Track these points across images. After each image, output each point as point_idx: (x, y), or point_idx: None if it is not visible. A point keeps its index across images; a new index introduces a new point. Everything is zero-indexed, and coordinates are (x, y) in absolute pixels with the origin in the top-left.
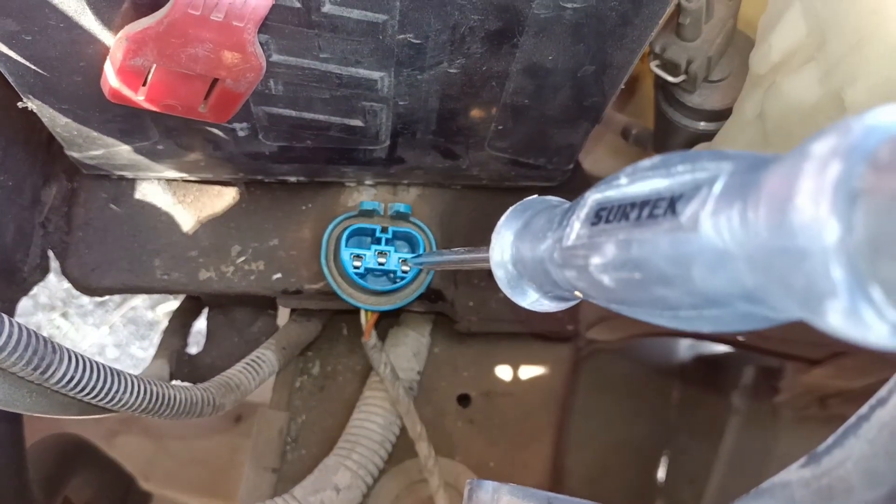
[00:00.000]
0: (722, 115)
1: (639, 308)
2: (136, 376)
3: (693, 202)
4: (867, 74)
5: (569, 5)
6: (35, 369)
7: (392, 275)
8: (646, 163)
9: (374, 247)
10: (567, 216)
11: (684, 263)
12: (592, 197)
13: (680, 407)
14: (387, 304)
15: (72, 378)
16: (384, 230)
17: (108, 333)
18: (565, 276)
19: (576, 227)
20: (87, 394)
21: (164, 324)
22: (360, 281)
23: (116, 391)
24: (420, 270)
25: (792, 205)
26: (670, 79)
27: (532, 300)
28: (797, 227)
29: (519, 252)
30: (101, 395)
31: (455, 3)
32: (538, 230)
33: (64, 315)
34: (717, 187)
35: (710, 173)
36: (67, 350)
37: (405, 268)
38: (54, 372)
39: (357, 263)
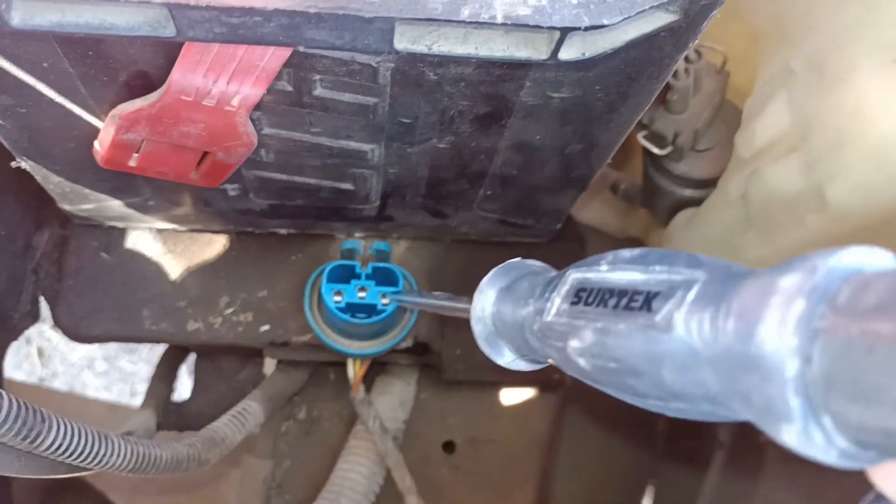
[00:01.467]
0: (708, 184)
1: (611, 389)
2: (122, 437)
3: (669, 303)
4: (848, 174)
5: (556, 95)
6: (24, 439)
7: (373, 311)
8: (625, 254)
9: (354, 282)
10: (549, 288)
11: (656, 361)
12: (573, 276)
13: (665, 440)
14: (371, 347)
15: (60, 445)
16: (364, 266)
17: (97, 347)
18: (543, 347)
19: (556, 303)
20: (76, 458)
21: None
22: (342, 315)
23: (104, 455)
24: (400, 307)
25: (757, 335)
26: (657, 151)
27: (508, 360)
28: (760, 355)
29: (500, 312)
30: (89, 458)
31: (444, 90)
32: (521, 295)
33: (54, 327)
34: (691, 296)
35: (684, 277)
36: (56, 418)
37: (385, 301)
38: (43, 440)
39: (338, 298)
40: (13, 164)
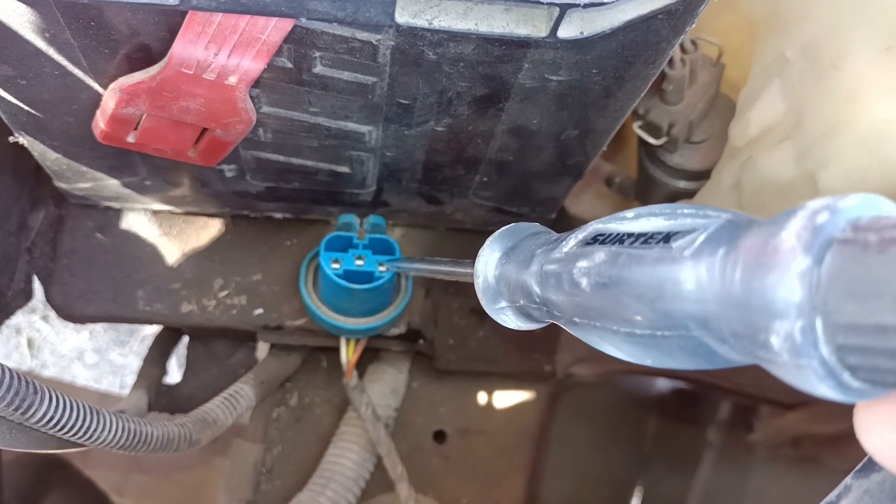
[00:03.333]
0: (701, 176)
1: (597, 321)
2: (114, 413)
3: (685, 238)
4: (840, 160)
5: (553, 78)
6: (16, 409)
7: (371, 277)
8: (656, 206)
9: (352, 251)
10: (563, 237)
11: (661, 280)
12: (595, 226)
13: (655, 438)
14: (367, 323)
15: (52, 418)
16: (360, 238)
17: (88, 338)
18: (545, 275)
19: (570, 244)
20: (67, 432)
21: (145, 335)
22: (341, 281)
23: (95, 429)
24: (397, 276)
25: (776, 237)
26: (652, 141)
27: (500, 306)
28: (772, 254)
29: (504, 266)
30: (80, 433)
31: (443, 70)
32: (529, 248)
33: (44, 318)
34: (710, 229)
35: (709, 220)
36: (48, 390)
37: (382, 268)
38: (35, 412)
39: (336, 266)
40: (11, 139)
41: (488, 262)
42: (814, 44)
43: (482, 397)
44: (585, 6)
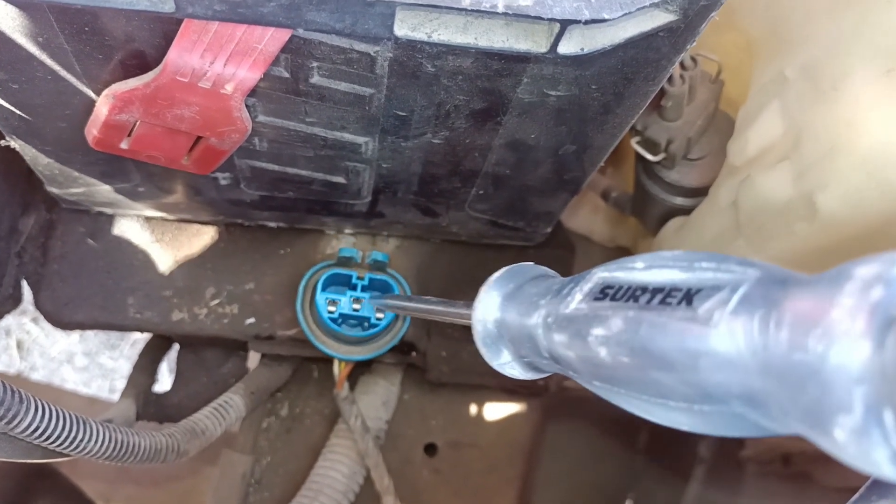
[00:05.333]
0: (698, 193)
1: (625, 390)
2: (101, 423)
3: (712, 299)
4: (839, 182)
5: (552, 93)
6: (1, 419)
7: (366, 322)
8: (667, 254)
9: (349, 293)
10: (567, 287)
11: (693, 354)
12: (599, 274)
13: (647, 453)
14: (360, 353)
15: (37, 428)
16: (360, 277)
17: (78, 341)
18: (555, 341)
19: (577, 298)
20: (52, 442)
21: (136, 339)
22: (335, 327)
23: (81, 440)
24: (395, 318)
25: (826, 317)
26: (650, 157)
27: (504, 361)
28: (825, 339)
29: (505, 313)
30: (66, 443)
31: (441, 83)
32: (531, 296)
33: (34, 320)
34: (742, 290)
35: (734, 276)
36: (34, 400)
37: (380, 315)
38: (20, 422)
39: (332, 308)
40: (2, 143)
41: (488, 307)
42: (814, 64)
43: (474, 410)
44: (586, 22)
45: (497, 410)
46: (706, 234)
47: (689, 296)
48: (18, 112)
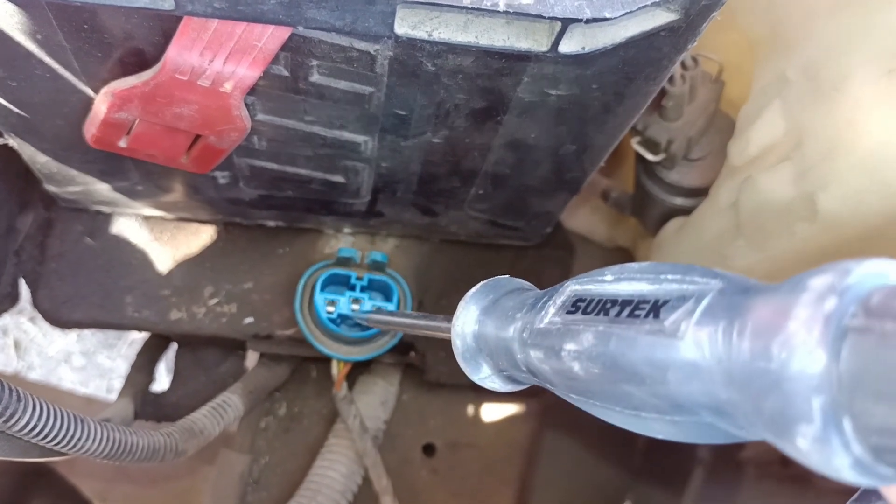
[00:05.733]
0: (699, 193)
1: (599, 402)
2: (99, 422)
3: (678, 311)
4: (839, 182)
5: (553, 92)
6: None
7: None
8: (634, 266)
9: (348, 293)
10: (541, 300)
11: (661, 366)
12: (571, 287)
13: (645, 454)
14: (358, 354)
15: (35, 426)
16: (360, 278)
17: (75, 341)
18: (531, 356)
19: (550, 312)
20: (50, 441)
21: (133, 338)
22: (334, 327)
23: (79, 439)
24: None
25: (783, 328)
26: (650, 157)
27: (484, 375)
28: (783, 351)
29: (483, 327)
30: (64, 442)
31: (441, 82)
32: (507, 309)
33: (32, 320)
34: (705, 302)
35: (699, 287)
36: (32, 398)
37: None
38: (18, 420)
39: (331, 309)
40: (0, 141)
41: (466, 322)
42: (815, 65)
43: (472, 411)
44: (588, 21)
45: (495, 411)
46: (706, 234)
47: (656, 308)
48: (17, 110)
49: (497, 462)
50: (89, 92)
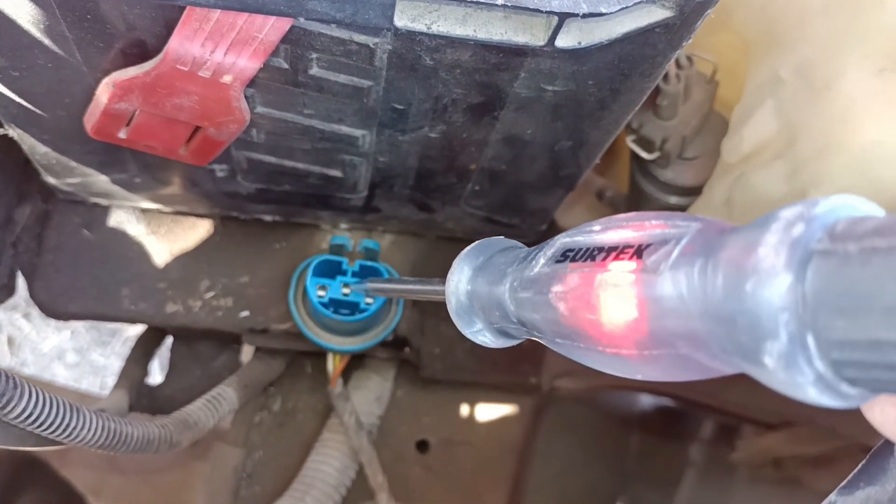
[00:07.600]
0: (693, 192)
1: (584, 344)
2: (94, 412)
3: (659, 252)
4: (832, 179)
5: (549, 88)
6: None
7: (357, 309)
8: (621, 216)
9: (340, 278)
10: (532, 253)
11: (640, 300)
12: (562, 240)
13: (638, 455)
14: (353, 344)
15: (31, 413)
16: (351, 263)
17: (69, 338)
18: (521, 302)
19: (540, 263)
20: (46, 429)
21: (127, 336)
22: (325, 311)
23: (74, 427)
24: (386, 303)
25: (754, 253)
26: (645, 155)
27: (476, 329)
28: (753, 274)
29: (476, 284)
30: (59, 430)
31: (439, 77)
32: (499, 265)
33: (26, 316)
34: (684, 241)
35: (679, 230)
36: (28, 385)
37: (369, 300)
38: (14, 407)
39: (321, 293)
40: (0, 131)
41: (460, 281)
42: (807, 64)
43: (466, 408)
44: (584, 16)
45: (489, 409)
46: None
47: (639, 251)
48: (19, 100)
49: (490, 460)
50: (91, 82)
